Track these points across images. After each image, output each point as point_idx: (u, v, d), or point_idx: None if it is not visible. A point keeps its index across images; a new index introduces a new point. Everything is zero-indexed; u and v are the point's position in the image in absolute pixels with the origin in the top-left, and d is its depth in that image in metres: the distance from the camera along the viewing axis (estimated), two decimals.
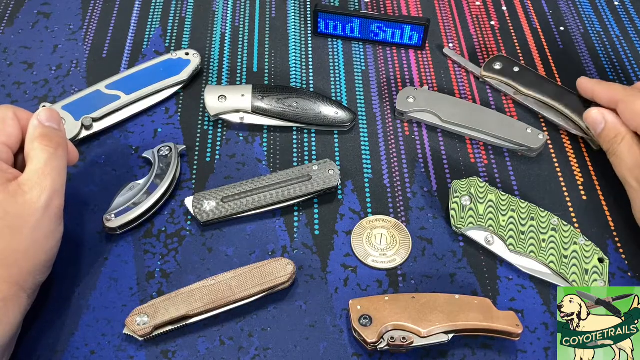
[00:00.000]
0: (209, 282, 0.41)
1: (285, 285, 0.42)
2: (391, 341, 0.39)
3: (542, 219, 0.45)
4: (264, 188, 0.46)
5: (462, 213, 0.45)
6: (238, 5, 0.63)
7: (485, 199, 0.46)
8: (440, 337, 0.39)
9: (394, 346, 0.39)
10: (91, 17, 0.61)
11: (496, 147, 0.51)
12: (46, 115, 0.41)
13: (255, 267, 0.42)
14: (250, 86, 0.52)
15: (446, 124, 0.51)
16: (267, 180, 0.47)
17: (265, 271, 0.42)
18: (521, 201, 0.46)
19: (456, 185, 0.46)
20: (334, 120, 0.51)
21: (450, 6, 0.63)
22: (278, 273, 0.42)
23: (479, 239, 0.45)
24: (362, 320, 0.39)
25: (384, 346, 0.39)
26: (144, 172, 0.49)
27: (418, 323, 0.39)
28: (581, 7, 0.64)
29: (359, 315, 0.40)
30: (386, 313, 0.39)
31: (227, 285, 0.41)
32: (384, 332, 0.39)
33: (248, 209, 0.46)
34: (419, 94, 0.52)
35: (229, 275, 0.42)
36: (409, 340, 0.39)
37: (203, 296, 0.41)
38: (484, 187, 0.46)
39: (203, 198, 0.46)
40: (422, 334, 0.39)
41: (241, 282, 0.41)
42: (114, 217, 0.45)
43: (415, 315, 0.39)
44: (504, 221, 0.45)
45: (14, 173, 0.39)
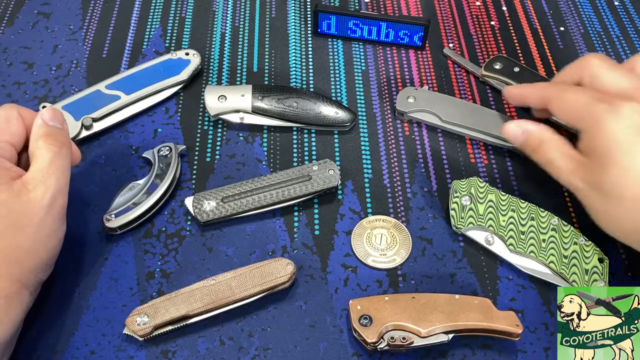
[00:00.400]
0: (209, 282, 0.41)
1: (285, 285, 0.42)
2: (391, 341, 0.39)
3: (542, 219, 0.45)
4: (264, 188, 0.46)
5: (462, 213, 0.45)
6: (238, 5, 0.63)
7: (485, 199, 0.46)
8: (440, 337, 0.39)
9: (393, 346, 0.39)
10: (91, 17, 0.61)
11: (496, 147, 0.51)
12: (50, 115, 0.41)
13: (255, 267, 0.42)
14: (250, 86, 0.52)
15: (446, 124, 0.51)
16: (267, 180, 0.47)
17: (265, 271, 0.42)
18: (521, 201, 0.46)
19: (456, 185, 0.46)
20: (334, 120, 0.51)
21: (450, 6, 0.63)
22: (278, 273, 0.42)
23: (479, 239, 0.45)
24: (362, 320, 0.39)
25: (384, 346, 0.39)
26: (144, 172, 0.49)
27: (418, 323, 0.39)
28: (581, 7, 0.64)
29: (359, 315, 0.40)
30: (386, 313, 0.39)
31: (227, 285, 0.41)
32: (384, 332, 0.39)
33: (248, 209, 0.46)
34: (419, 94, 0.52)
35: (228, 276, 0.42)
36: (409, 340, 0.39)
37: (203, 296, 0.41)
38: (484, 187, 0.46)
39: (203, 198, 0.46)
40: (422, 334, 0.39)
41: (241, 282, 0.41)
42: (114, 217, 0.45)
43: (415, 315, 0.39)
44: (504, 221, 0.45)
45: (18, 171, 0.39)
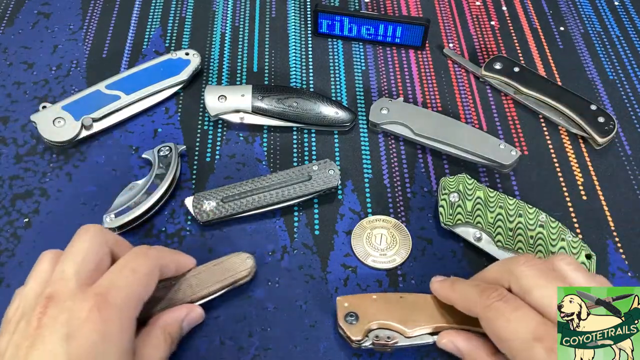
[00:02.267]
0: (170, 282, 0.41)
1: (246, 280, 0.42)
2: (376, 340, 0.39)
3: (530, 216, 0.45)
4: (264, 188, 0.46)
5: (451, 210, 0.45)
6: (238, 5, 0.63)
7: (473, 196, 0.46)
8: (425, 338, 0.39)
9: (378, 345, 0.39)
10: (91, 17, 0.61)
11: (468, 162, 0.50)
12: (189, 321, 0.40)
13: (214, 263, 0.42)
14: (250, 86, 0.52)
15: (418, 137, 0.51)
16: (267, 180, 0.47)
17: (225, 267, 0.42)
18: (509, 198, 0.46)
19: (444, 182, 0.46)
20: (334, 120, 0.51)
21: (450, 6, 0.63)
22: (238, 268, 0.42)
23: (468, 235, 0.45)
24: (348, 317, 0.39)
25: (369, 344, 0.39)
26: (144, 172, 0.49)
27: (404, 323, 0.39)
28: (581, 7, 0.64)
29: (345, 313, 0.39)
30: (373, 311, 0.39)
31: (187, 284, 0.41)
32: (369, 330, 0.39)
33: (248, 209, 0.46)
34: (392, 105, 0.52)
35: (189, 275, 0.41)
36: (393, 340, 0.39)
37: (163, 295, 0.40)
38: (472, 184, 0.46)
39: (203, 198, 0.46)
40: (407, 333, 0.38)
41: (201, 280, 0.41)
42: (113, 217, 0.45)
43: (401, 315, 0.39)
44: (492, 218, 0.45)
45: None
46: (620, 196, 0.49)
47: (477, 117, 0.54)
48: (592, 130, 0.51)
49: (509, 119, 0.54)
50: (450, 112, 0.54)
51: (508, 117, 0.54)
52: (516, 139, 0.52)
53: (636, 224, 0.47)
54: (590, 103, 0.52)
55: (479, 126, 0.53)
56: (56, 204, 0.47)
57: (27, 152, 0.51)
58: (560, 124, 0.53)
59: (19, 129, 0.52)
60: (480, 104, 0.55)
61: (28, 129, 0.52)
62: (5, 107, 0.54)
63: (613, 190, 0.49)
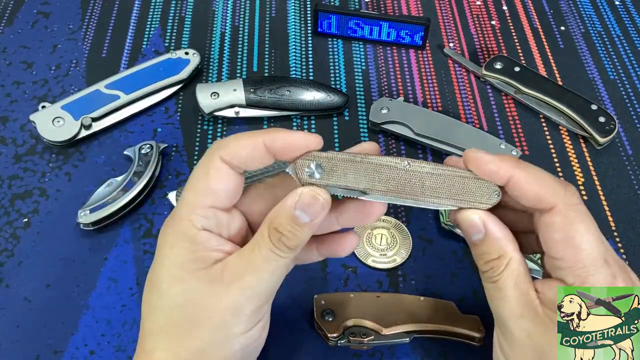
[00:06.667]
0: (402, 163, 0.32)
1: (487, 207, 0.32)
2: (351, 336, 0.39)
3: None
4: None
5: None
6: (238, 5, 0.63)
7: None
8: (400, 337, 0.40)
9: (354, 342, 0.39)
10: (90, 17, 0.61)
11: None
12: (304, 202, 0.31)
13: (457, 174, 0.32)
14: (240, 80, 0.52)
15: (418, 137, 0.51)
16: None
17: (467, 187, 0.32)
18: None
19: None
20: (328, 104, 0.52)
21: (450, 6, 0.63)
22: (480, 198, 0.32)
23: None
24: (325, 314, 0.40)
25: (345, 342, 0.39)
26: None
27: (380, 321, 0.39)
28: (582, 7, 0.63)
29: (321, 310, 0.40)
30: (349, 309, 0.40)
31: (419, 180, 0.32)
32: (345, 327, 0.40)
33: None
34: (393, 105, 0.52)
35: (425, 169, 0.32)
36: (368, 337, 0.39)
37: (389, 179, 0.32)
38: None
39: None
40: (383, 332, 0.39)
41: (436, 185, 0.32)
42: (88, 213, 0.45)
43: (378, 314, 0.40)
44: None
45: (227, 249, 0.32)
46: (621, 196, 0.48)
47: (477, 116, 0.54)
48: (593, 130, 0.51)
49: (510, 118, 0.54)
50: (451, 111, 0.54)
51: (509, 117, 0.54)
52: (517, 139, 0.52)
53: (636, 223, 0.47)
54: (591, 103, 0.52)
55: (479, 126, 0.53)
56: (55, 204, 0.47)
57: (26, 151, 0.51)
58: (560, 123, 0.53)
59: (18, 128, 0.52)
60: (481, 104, 0.54)
61: (27, 128, 0.52)
62: (5, 107, 0.53)
63: (614, 190, 0.49)
